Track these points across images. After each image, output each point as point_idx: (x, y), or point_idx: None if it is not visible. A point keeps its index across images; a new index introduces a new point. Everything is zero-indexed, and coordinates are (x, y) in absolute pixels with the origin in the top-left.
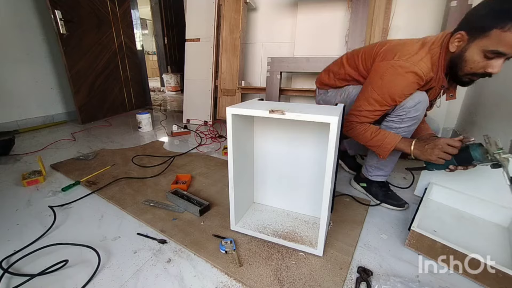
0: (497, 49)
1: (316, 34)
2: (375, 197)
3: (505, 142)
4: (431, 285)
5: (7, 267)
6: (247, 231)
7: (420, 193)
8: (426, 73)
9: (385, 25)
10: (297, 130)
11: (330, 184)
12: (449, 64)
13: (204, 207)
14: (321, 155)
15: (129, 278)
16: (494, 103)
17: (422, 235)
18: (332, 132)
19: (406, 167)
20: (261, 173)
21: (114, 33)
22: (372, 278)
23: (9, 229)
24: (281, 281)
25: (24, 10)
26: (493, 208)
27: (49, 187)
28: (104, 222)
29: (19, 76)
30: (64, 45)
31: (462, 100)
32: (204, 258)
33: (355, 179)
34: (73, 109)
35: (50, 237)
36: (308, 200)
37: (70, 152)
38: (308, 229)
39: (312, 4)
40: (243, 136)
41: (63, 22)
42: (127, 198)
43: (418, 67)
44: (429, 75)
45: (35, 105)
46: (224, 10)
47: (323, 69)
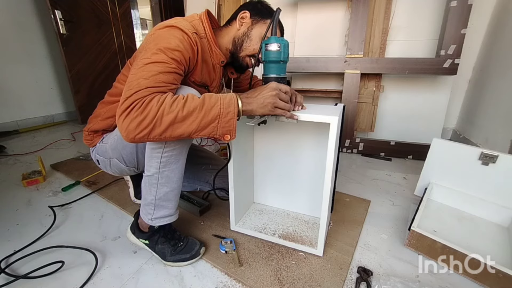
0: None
1: (316, 34)
2: (162, 257)
3: (505, 142)
4: (431, 285)
5: (4, 267)
6: (247, 231)
7: (420, 193)
8: (188, 28)
9: (385, 25)
10: (297, 130)
11: (330, 184)
12: (232, 43)
13: (204, 207)
14: (321, 155)
15: (129, 278)
16: (494, 103)
17: (422, 235)
18: (332, 132)
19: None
20: (261, 173)
21: (114, 33)
22: (372, 278)
23: (9, 229)
24: (281, 281)
25: (24, 10)
26: (493, 208)
27: (49, 187)
28: (104, 222)
29: (19, 76)
30: (64, 45)
31: (462, 100)
32: (204, 258)
33: (132, 230)
34: (73, 109)
35: (50, 237)
36: (308, 200)
37: (70, 152)
38: (308, 229)
39: (312, 4)
40: (243, 136)
41: (63, 22)
42: (127, 198)
43: (178, 24)
44: (194, 36)
45: (35, 105)
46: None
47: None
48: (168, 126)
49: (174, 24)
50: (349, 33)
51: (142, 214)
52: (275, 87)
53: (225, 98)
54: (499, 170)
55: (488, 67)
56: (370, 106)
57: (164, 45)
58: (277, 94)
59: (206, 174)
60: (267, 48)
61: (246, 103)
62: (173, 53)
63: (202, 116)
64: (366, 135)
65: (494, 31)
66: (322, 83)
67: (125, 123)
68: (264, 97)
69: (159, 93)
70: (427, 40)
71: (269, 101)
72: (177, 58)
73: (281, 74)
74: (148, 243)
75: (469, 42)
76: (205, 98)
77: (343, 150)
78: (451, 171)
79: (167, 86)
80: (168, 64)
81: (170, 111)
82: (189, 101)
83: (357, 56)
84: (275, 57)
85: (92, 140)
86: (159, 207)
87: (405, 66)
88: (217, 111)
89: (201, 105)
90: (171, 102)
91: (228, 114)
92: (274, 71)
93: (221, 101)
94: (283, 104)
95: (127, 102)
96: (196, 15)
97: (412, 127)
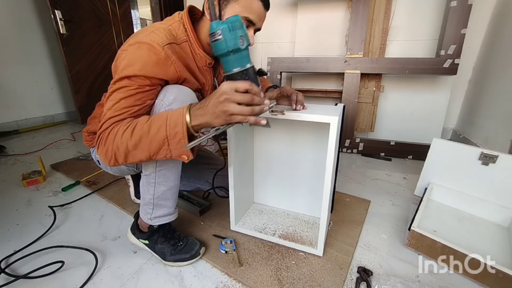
0: (247, 16)
1: (316, 34)
2: (162, 257)
3: (505, 142)
4: (431, 285)
5: (4, 267)
6: (247, 231)
7: (420, 193)
8: (160, 41)
9: (385, 25)
10: (297, 130)
11: (330, 184)
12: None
13: (204, 207)
14: (321, 155)
15: (129, 278)
16: (494, 103)
17: (422, 235)
18: (332, 132)
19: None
20: (261, 173)
21: (114, 33)
22: (372, 278)
23: (9, 229)
24: (281, 281)
25: (24, 10)
26: (493, 208)
27: (49, 187)
28: (104, 222)
29: (19, 76)
30: (64, 45)
31: (462, 100)
32: (204, 258)
33: (132, 231)
34: (73, 109)
35: (50, 237)
36: (308, 200)
37: (70, 152)
38: (308, 229)
39: (312, 4)
40: (243, 136)
41: (63, 22)
42: (127, 198)
43: (149, 38)
44: (167, 51)
45: (35, 105)
46: None
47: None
48: (126, 155)
49: (146, 41)
50: (349, 33)
51: (141, 214)
52: (225, 90)
53: (173, 117)
54: (499, 170)
55: (488, 67)
56: (370, 106)
57: (129, 69)
58: (229, 99)
59: (206, 173)
60: (211, 40)
61: (198, 116)
62: (136, 78)
63: (149, 142)
64: (366, 135)
65: (494, 31)
66: (322, 83)
67: (99, 154)
68: (214, 105)
69: (119, 122)
70: (427, 40)
71: (220, 109)
72: (140, 80)
73: (240, 66)
74: (148, 243)
75: (469, 42)
76: (152, 122)
77: (343, 150)
78: (451, 171)
79: (128, 111)
80: (129, 87)
81: (122, 142)
82: (137, 128)
83: (357, 56)
84: (221, 49)
85: (91, 141)
86: (157, 206)
87: (405, 66)
88: (163, 135)
89: (147, 131)
90: (121, 133)
91: (176, 135)
92: (229, 65)
93: (167, 122)
94: (238, 109)
95: (97, 134)
96: (177, 15)
97: (412, 127)
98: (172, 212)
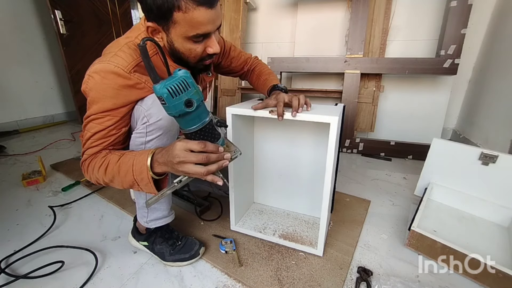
0: (196, 33)
1: (316, 34)
2: (162, 258)
3: (505, 142)
4: (431, 285)
5: (4, 267)
6: (247, 231)
7: (420, 193)
8: (127, 66)
9: (385, 25)
10: (297, 130)
11: (330, 184)
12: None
13: (204, 207)
14: (321, 155)
15: (129, 278)
16: (494, 103)
17: (422, 235)
18: (332, 132)
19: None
20: (261, 173)
21: (114, 33)
22: (372, 278)
23: (9, 229)
24: (281, 281)
25: (24, 10)
26: (493, 208)
27: (49, 187)
28: (104, 222)
29: (19, 76)
30: (64, 45)
31: (462, 100)
32: (204, 258)
33: (132, 234)
34: (73, 109)
35: (50, 237)
36: (308, 200)
37: (70, 152)
38: (308, 229)
39: (312, 4)
40: (243, 136)
41: (63, 22)
42: (127, 198)
43: (115, 64)
44: (135, 77)
45: (35, 105)
46: (224, 10)
47: None
48: (107, 184)
49: (111, 69)
50: (349, 33)
51: (139, 217)
52: (178, 153)
53: (137, 163)
54: (499, 170)
55: (488, 67)
56: (370, 106)
57: (99, 106)
58: (183, 161)
59: None
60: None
61: (161, 164)
62: (108, 112)
63: (121, 181)
64: (366, 135)
65: (494, 31)
66: (322, 83)
67: None
68: (171, 164)
69: (96, 154)
70: (427, 40)
71: (176, 169)
72: (113, 112)
73: (195, 125)
74: (147, 245)
75: (469, 42)
76: (121, 165)
77: (343, 150)
78: (451, 171)
79: (104, 142)
80: (103, 119)
81: (99, 176)
82: (109, 168)
83: (357, 56)
84: (170, 113)
85: None
86: (152, 210)
87: (405, 66)
88: (131, 178)
89: (117, 172)
90: (97, 169)
91: (142, 180)
92: (183, 125)
93: (133, 168)
94: (193, 170)
95: (80, 162)
96: (142, 25)
97: (412, 127)
98: (167, 215)
